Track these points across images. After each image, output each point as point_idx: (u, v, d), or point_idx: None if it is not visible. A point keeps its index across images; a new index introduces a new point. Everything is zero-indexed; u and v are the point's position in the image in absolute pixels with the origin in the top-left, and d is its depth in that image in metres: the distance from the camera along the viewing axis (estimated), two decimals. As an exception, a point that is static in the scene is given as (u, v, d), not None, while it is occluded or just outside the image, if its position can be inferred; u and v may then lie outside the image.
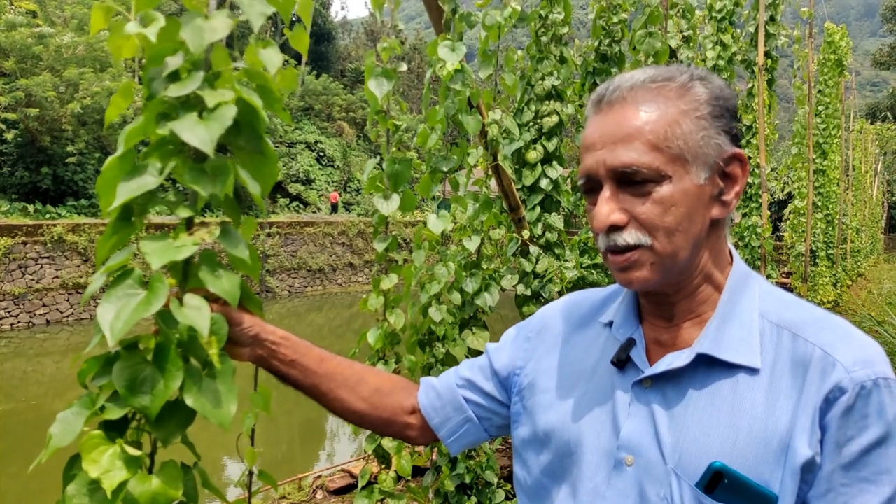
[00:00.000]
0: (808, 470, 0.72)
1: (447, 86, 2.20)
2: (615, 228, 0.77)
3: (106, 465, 0.65)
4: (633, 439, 0.79)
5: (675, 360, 0.79)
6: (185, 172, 0.69)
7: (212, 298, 0.73)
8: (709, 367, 0.78)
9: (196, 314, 0.69)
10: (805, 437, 0.72)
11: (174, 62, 0.70)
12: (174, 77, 0.69)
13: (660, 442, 0.77)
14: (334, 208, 26.85)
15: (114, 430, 0.69)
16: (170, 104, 0.69)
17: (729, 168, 0.80)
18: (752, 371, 0.76)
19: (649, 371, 0.81)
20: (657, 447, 0.77)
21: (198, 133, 0.67)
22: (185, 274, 0.72)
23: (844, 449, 0.72)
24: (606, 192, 0.77)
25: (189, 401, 0.69)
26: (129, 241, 0.70)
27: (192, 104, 0.69)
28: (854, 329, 0.78)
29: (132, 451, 0.67)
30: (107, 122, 0.74)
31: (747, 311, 0.80)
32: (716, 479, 0.73)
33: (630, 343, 0.84)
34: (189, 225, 0.72)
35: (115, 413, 0.67)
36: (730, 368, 0.77)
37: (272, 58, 0.75)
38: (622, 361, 0.83)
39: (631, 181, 0.76)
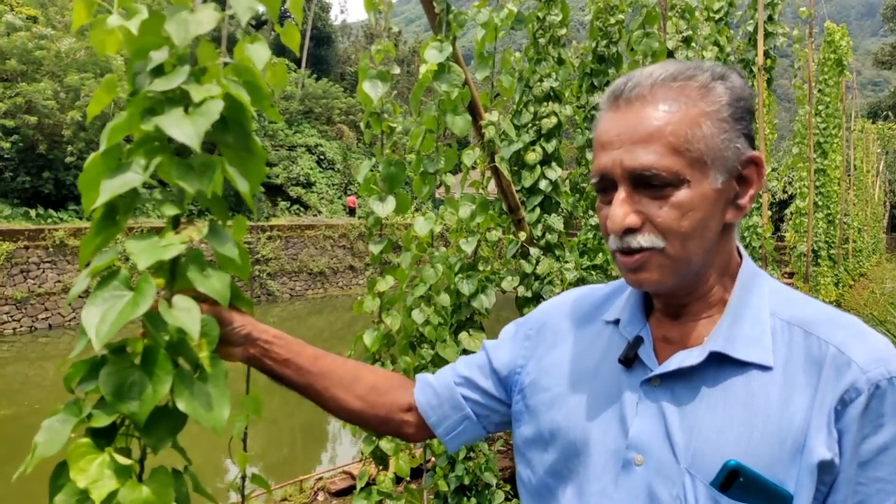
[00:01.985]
0: (826, 471, 0.72)
1: (432, 86, 2.19)
2: (629, 231, 0.75)
3: (94, 474, 0.63)
4: (643, 438, 0.78)
5: (687, 358, 0.78)
6: (171, 169, 0.67)
7: (201, 298, 0.71)
8: (720, 364, 0.77)
9: (185, 316, 0.67)
10: (822, 438, 0.71)
11: (159, 56, 0.68)
12: (159, 71, 0.68)
13: (671, 441, 0.76)
14: (352, 212, 26.82)
15: (102, 437, 0.67)
16: (155, 99, 0.67)
17: (746, 171, 0.78)
18: (765, 369, 0.75)
19: (659, 369, 0.79)
20: (669, 446, 0.76)
21: (184, 128, 0.65)
22: (172, 274, 0.70)
23: (860, 448, 0.72)
24: (622, 194, 0.75)
25: (181, 405, 0.67)
26: (113, 241, 0.68)
27: (178, 99, 0.67)
28: (865, 326, 0.77)
29: (122, 460, 0.65)
30: (89, 116, 0.73)
31: (758, 310, 0.79)
32: (731, 478, 0.72)
33: (638, 341, 0.83)
34: (176, 223, 0.70)
35: (102, 420, 0.65)
36: (742, 366, 0.76)
37: (259, 53, 0.73)
38: (630, 360, 0.82)
39: (648, 183, 0.74)
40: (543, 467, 0.88)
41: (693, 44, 4.36)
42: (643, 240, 0.75)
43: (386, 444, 2.13)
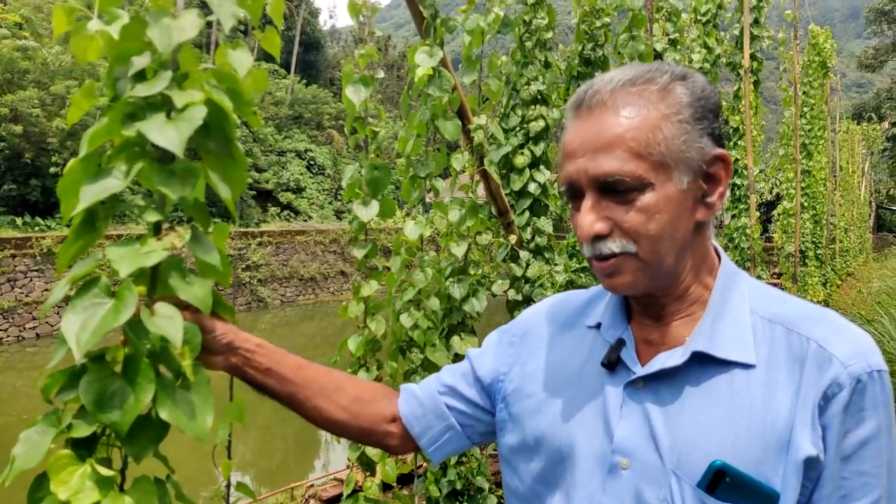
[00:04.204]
0: (812, 467, 0.72)
1: (423, 91, 2.19)
2: (599, 237, 0.76)
3: (76, 486, 0.62)
4: (628, 442, 0.78)
5: (669, 358, 0.78)
6: (152, 175, 0.66)
7: (182, 305, 0.70)
8: (703, 364, 0.77)
9: (168, 323, 0.66)
10: (807, 434, 0.72)
11: (141, 62, 0.67)
12: (140, 77, 0.67)
13: (656, 443, 0.76)
14: None
15: (83, 447, 0.66)
16: (136, 105, 0.66)
17: (712, 169, 0.79)
18: (747, 367, 0.76)
19: (642, 371, 0.79)
20: (654, 448, 0.76)
21: (166, 134, 0.64)
22: (153, 281, 0.69)
23: (843, 443, 0.72)
24: (588, 202, 0.76)
25: (163, 414, 0.66)
26: (92, 247, 0.67)
27: (160, 105, 0.67)
28: (845, 321, 0.78)
29: (104, 471, 0.64)
30: (69, 122, 0.72)
31: (738, 308, 0.80)
32: (717, 479, 0.72)
33: (620, 344, 0.83)
34: (157, 230, 0.69)
35: (83, 430, 0.64)
36: (724, 365, 0.77)
37: (242, 59, 0.73)
38: (612, 363, 0.82)
39: (614, 189, 0.75)
40: (531, 475, 0.87)
41: (679, 46, 4.39)
42: (614, 245, 0.76)
43: (372, 451, 2.11)
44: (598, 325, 0.89)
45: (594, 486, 0.79)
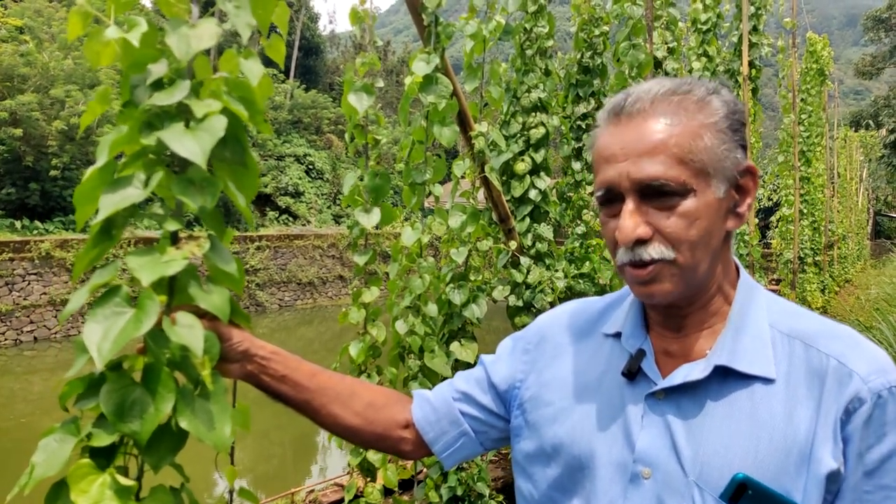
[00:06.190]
0: (833, 481, 0.73)
1: (420, 96, 2.20)
2: (640, 242, 0.76)
3: (96, 495, 0.62)
4: (650, 452, 0.78)
5: (692, 371, 0.79)
6: (171, 184, 0.66)
7: (199, 314, 0.70)
8: (724, 377, 0.78)
9: (189, 333, 0.66)
10: (828, 448, 0.73)
11: (158, 69, 0.67)
12: (158, 85, 0.67)
13: (678, 454, 0.76)
14: None
15: (101, 456, 0.66)
16: (153, 113, 0.66)
17: (743, 181, 0.80)
18: (768, 381, 0.77)
19: (665, 383, 0.80)
20: (676, 459, 0.76)
21: (187, 144, 0.64)
22: (170, 289, 0.69)
23: (865, 457, 0.73)
24: (630, 206, 0.76)
25: (183, 423, 0.66)
26: (107, 254, 0.68)
27: (176, 113, 0.67)
28: (860, 337, 0.79)
29: (123, 481, 0.64)
30: (82, 126, 0.73)
31: (758, 322, 0.81)
32: (740, 491, 0.72)
33: (640, 354, 0.83)
34: (174, 238, 0.69)
35: (103, 440, 0.64)
36: (745, 379, 0.77)
37: (254, 68, 0.73)
38: (633, 373, 0.82)
39: (655, 194, 0.75)
40: (547, 482, 0.87)
41: (676, 55, 4.42)
42: (654, 251, 0.76)
43: (373, 456, 2.12)
44: (617, 334, 0.89)
45: (615, 493, 0.80)
